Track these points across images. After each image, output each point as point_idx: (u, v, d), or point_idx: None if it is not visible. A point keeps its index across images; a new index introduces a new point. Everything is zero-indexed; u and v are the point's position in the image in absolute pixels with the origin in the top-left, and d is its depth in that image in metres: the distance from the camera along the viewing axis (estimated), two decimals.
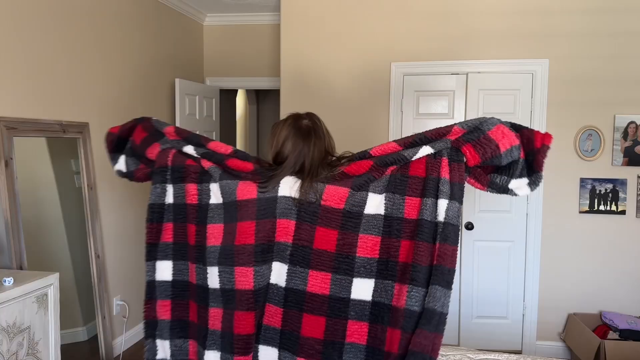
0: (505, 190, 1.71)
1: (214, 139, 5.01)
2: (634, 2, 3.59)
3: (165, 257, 1.75)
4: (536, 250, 3.77)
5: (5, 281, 2.18)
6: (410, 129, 3.88)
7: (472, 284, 3.86)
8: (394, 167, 1.60)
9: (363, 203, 1.58)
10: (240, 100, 11.52)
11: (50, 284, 2.39)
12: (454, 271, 1.53)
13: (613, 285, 3.71)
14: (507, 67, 3.74)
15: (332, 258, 1.58)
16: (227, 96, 5.72)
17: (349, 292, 1.58)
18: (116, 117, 3.66)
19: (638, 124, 3.60)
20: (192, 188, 1.71)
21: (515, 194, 1.71)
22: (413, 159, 1.59)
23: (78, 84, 3.26)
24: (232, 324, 1.63)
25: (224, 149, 1.73)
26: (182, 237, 1.73)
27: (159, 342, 1.75)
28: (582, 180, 3.69)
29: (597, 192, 3.68)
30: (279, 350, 1.64)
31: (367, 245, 1.57)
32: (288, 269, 1.62)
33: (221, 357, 1.66)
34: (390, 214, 1.57)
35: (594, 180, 3.67)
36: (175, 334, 1.76)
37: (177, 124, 4.36)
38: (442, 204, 1.54)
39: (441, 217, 1.53)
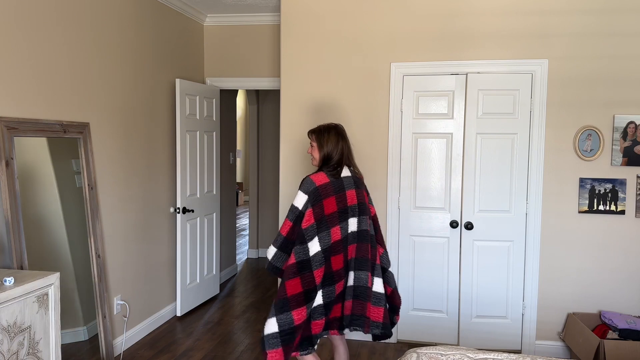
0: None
1: (215, 139, 5.02)
2: (634, 2, 3.59)
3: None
4: (535, 250, 3.78)
5: (5, 281, 2.19)
6: (410, 129, 3.89)
7: (472, 283, 3.87)
8: None
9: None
10: (240, 101, 11.55)
11: (50, 284, 2.39)
12: None
13: (612, 284, 3.72)
14: (507, 67, 3.75)
15: (365, 207, 2.71)
16: (227, 96, 5.73)
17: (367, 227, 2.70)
18: (116, 117, 3.67)
19: (637, 124, 3.61)
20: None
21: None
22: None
23: (79, 84, 3.26)
24: (331, 265, 2.54)
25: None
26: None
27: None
28: (582, 180, 3.70)
29: (597, 192, 3.68)
30: (354, 272, 2.61)
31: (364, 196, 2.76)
32: (358, 219, 2.64)
33: (325, 291, 2.54)
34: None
35: (594, 180, 3.68)
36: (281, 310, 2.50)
37: (178, 124, 4.37)
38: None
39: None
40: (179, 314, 4.51)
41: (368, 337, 4.00)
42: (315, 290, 2.49)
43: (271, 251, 2.63)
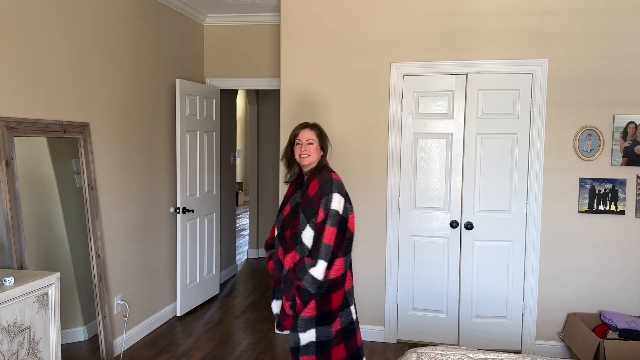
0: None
1: (215, 139, 5.02)
2: (634, 2, 3.59)
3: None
4: (535, 250, 3.78)
5: (5, 281, 2.19)
6: (410, 129, 3.89)
7: (472, 283, 3.87)
8: None
9: None
10: (240, 101, 11.55)
11: (50, 284, 2.40)
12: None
13: (612, 284, 3.72)
14: (507, 67, 3.75)
15: None
16: (227, 96, 5.73)
17: None
18: (116, 117, 3.67)
19: (637, 124, 3.61)
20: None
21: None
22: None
23: (79, 84, 3.26)
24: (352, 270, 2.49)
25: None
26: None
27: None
28: (582, 180, 3.70)
29: (597, 192, 3.68)
30: None
31: None
32: None
33: (354, 302, 2.48)
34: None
35: (594, 180, 3.68)
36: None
37: (178, 124, 4.37)
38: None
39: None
40: (179, 314, 4.51)
41: (368, 338, 4.00)
42: (346, 297, 2.40)
43: (321, 268, 2.23)
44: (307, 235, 2.31)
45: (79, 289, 3.34)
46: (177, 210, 4.44)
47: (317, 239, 2.28)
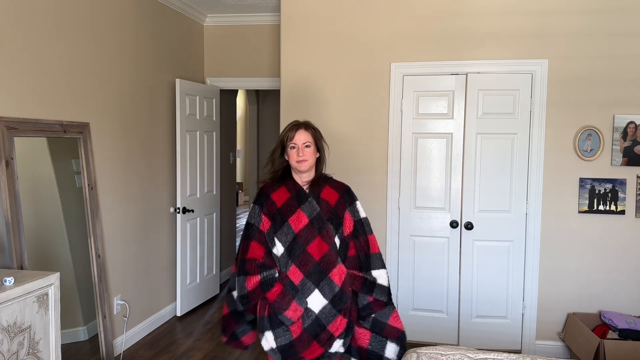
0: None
1: (215, 139, 5.02)
2: (634, 2, 3.59)
3: None
4: (535, 250, 3.78)
5: (5, 281, 2.19)
6: (410, 129, 3.89)
7: (472, 283, 3.87)
8: None
9: None
10: (240, 101, 11.56)
11: (50, 284, 2.40)
12: None
13: (612, 284, 3.72)
14: (507, 67, 3.75)
15: None
16: (227, 96, 5.73)
17: None
18: (116, 117, 3.67)
19: (637, 124, 3.61)
20: None
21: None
22: None
23: (79, 84, 3.26)
24: None
25: None
26: None
27: None
28: (582, 180, 3.70)
29: (597, 192, 3.68)
30: None
31: None
32: None
33: None
34: None
35: (594, 180, 3.68)
36: None
37: (178, 124, 4.37)
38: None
39: None
40: (179, 314, 4.51)
41: None
42: None
43: (386, 275, 2.26)
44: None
45: (79, 289, 3.34)
46: (177, 210, 4.44)
47: (364, 250, 2.25)
